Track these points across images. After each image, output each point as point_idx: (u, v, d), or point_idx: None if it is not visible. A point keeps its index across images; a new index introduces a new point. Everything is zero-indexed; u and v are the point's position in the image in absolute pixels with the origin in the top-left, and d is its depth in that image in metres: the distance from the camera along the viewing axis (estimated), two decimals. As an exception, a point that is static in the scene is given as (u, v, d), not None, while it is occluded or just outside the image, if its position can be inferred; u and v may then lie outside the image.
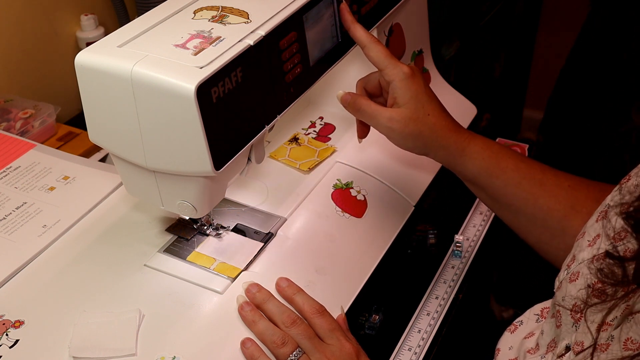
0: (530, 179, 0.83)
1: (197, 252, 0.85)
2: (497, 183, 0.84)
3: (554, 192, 0.83)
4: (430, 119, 0.84)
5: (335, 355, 0.73)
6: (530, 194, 0.83)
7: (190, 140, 0.69)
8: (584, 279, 0.68)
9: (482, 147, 0.85)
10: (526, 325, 0.81)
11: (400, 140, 0.86)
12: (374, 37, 0.86)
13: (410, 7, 1.10)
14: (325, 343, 0.75)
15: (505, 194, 0.84)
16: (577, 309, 0.68)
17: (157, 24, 0.75)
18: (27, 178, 0.97)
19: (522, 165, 0.84)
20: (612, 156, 1.64)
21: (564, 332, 0.69)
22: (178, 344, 0.75)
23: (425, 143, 0.85)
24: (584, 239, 0.72)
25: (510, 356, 0.79)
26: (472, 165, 0.85)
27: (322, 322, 0.76)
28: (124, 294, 0.80)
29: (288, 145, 1.04)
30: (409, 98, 0.83)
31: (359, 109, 0.86)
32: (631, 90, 1.66)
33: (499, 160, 0.84)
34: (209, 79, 0.67)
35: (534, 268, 1.14)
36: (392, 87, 0.84)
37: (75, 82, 0.72)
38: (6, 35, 1.19)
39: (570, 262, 0.72)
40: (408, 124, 0.83)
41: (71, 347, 0.74)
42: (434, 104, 0.85)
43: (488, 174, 0.85)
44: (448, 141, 0.85)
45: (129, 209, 0.92)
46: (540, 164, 0.86)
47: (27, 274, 0.83)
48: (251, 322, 0.77)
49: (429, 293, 0.91)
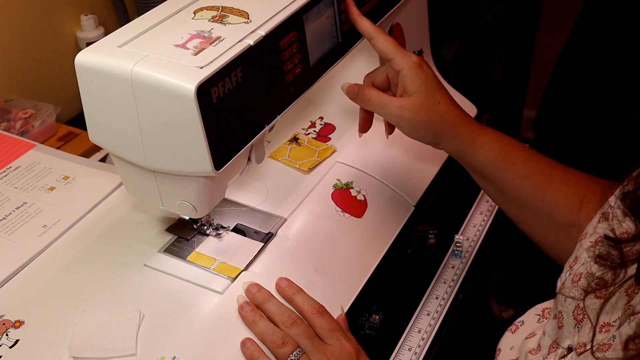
0: (539, 173, 0.83)
1: (197, 252, 0.85)
2: (506, 175, 0.84)
3: (561, 187, 0.82)
4: (441, 107, 0.83)
5: (335, 355, 0.73)
6: (538, 187, 0.83)
7: (190, 140, 0.69)
8: (584, 267, 0.69)
9: (493, 139, 0.84)
10: (527, 326, 0.81)
11: (411, 129, 0.85)
12: (380, 29, 0.86)
13: (410, 7, 1.10)
14: (326, 343, 0.75)
15: (513, 186, 0.84)
16: (580, 310, 0.68)
17: (157, 24, 0.75)
18: (27, 178, 0.97)
19: (532, 159, 0.84)
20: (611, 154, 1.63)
21: (566, 333, 0.69)
22: (178, 344, 0.75)
23: (436, 132, 0.84)
24: (586, 240, 0.72)
25: (512, 356, 0.79)
26: (482, 156, 0.84)
27: (322, 322, 0.76)
28: (124, 294, 0.80)
29: (288, 145, 1.04)
30: (419, 86, 0.83)
31: (368, 99, 0.85)
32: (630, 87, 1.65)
33: (508, 153, 0.84)
34: (209, 79, 0.67)
35: (534, 267, 1.14)
36: (402, 76, 0.83)
37: (75, 82, 0.72)
38: (6, 35, 1.19)
39: (572, 263, 0.72)
40: (419, 112, 0.83)
41: (71, 347, 0.74)
42: (444, 92, 0.85)
43: (497, 166, 0.84)
44: (459, 130, 0.84)
45: (129, 209, 0.92)
46: (550, 159, 0.86)
47: (27, 274, 0.83)
48: (251, 322, 0.77)
49: (429, 293, 0.91)
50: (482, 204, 1.04)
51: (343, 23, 0.88)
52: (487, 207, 1.04)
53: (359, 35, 0.93)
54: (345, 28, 0.89)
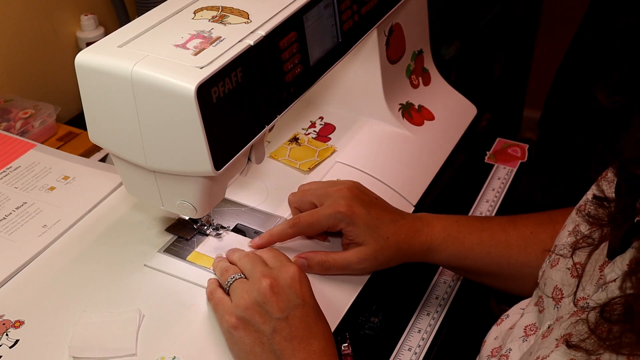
0: (496, 245, 0.85)
1: (197, 252, 0.85)
2: (468, 262, 0.86)
3: (521, 246, 0.84)
4: (391, 241, 0.83)
5: (272, 275, 0.73)
6: (501, 258, 0.85)
7: (190, 140, 0.69)
8: (572, 224, 0.72)
9: (444, 236, 0.85)
10: (511, 318, 0.82)
11: (376, 269, 0.86)
12: (287, 223, 0.84)
13: (410, 7, 1.10)
14: (268, 266, 0.76)
15: (479, 266, 0.86)
16: (557, 291, 0.70)
17: (157, 24, 0.75)
18: (27, 178, 0.97)
19: (484, 235, 0.85)
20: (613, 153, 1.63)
21: (547, 315, 0.71)
22: (178, 344, 0.75)
23: (396, 261, 0.85)
24: (564, 230, 0.74)
25: (495, 345, 0.80)
26: (440, 257, 0.86)
27: (269, 252, 0.79)
28: (124, 294, 0.80)
29: (288, 145, 1.04)
30: (363, 232, 0.82)
31: (328, 268, 0.83)
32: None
33: (462, 242, 0.85)
34: (209, 79, 0.67)
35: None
36: (345, 232, 0.83)
37: (75, 82, 0.72)
38: (6, 35, 1.19)
39: (552, 250, 0.74)
40: (377, 257, 0.83)
41: (71, 347, 0.74)
42: (384, 220, 0.84)
43: (457, 258, 0.86)
44: (413, 249, 0.84)
45: (129, 209, 0.92)
46: (499, 220, 0.88)
47: (27, 274, 0.83)
48: (214, 267, 0.80)
49: (429, 293, 0.91)
50: (482, 204, 1.04)
51: (343, 23, 0.88)
52: (487, 207, 1.04)
53: (359, 35, 0.93)
54: (346, 28, 0.89)
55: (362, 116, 1.10)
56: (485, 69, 2.06)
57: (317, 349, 0.70)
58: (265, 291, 0.71)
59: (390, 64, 1.08)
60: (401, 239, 0.83)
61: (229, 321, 0.72)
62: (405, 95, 1.12)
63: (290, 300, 0.72)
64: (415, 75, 1.16)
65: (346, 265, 0.83)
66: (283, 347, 0.70)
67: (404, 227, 0.84)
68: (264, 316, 0.71)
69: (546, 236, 0.83)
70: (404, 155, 1.06)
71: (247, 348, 0.71)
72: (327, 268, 0.83)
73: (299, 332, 0.70)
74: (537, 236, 0.84)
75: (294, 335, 0.70)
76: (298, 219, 0.83)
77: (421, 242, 0.84)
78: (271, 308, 0.71)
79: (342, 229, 0.83)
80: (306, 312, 0.72)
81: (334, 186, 0.85)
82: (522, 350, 0.72)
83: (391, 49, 1.08)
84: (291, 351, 0.70)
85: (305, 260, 0.83)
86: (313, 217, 0.83)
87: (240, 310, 0.72)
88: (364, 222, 0.82)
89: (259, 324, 0.71)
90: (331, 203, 0.83)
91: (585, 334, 0.56)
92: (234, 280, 0.75)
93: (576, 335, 0.58)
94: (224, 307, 0.73)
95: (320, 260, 0.83)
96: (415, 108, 1.13)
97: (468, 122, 1.18)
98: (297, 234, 0.85)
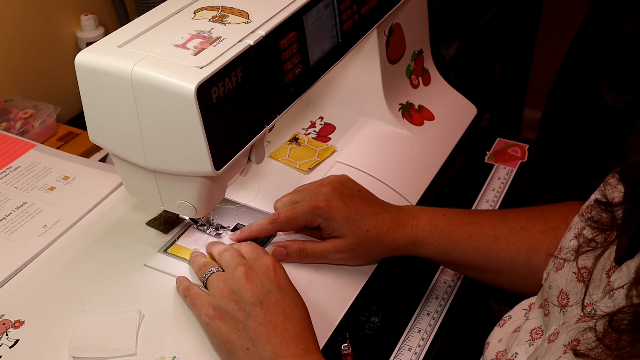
0: (485, 239, 0.84)
1: (177, 245, 0.86)
2: (456, 256, 0.85)
3: (510, 241, 0.84)
4: (371, 234, 0.83)
5: (247, 264, 0.74)
6: (489, 252, 0.84)
7: (190, 140, 0.69)
8: (575, 229, 0.71)
9: (430, 230, 0.84)
10: (515, 320, 0.81)
11: (355, 263, 0.86)
12: (267, 218, 0.84)
13: (410, 7, 1.10)
14: (245, 258, 0.77)
15: (467, 260, 0.85)
16: (563, 295, 0.69)
17: (157, 24, 0.75)
18: (27, 178, 0.97)
19: (472, 229, 0.84)
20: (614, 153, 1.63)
21: (552, 319, 0.70)
22: (178, 344, 0.75)
23: (378, 254, 0.85)
24: (569, 232, 0.74)
25: (500, 348, 0.80)
26: (427, 251, 0.85)
27: (247, 246, 0.79)
28: (124, 294, 0.80)
29: (288, 145, 1.04)
30: (341, 226, 0.82)
31: (305, 256, 0.84)
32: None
33: (449, 235, 0.84)
34: (209, 79, 0.67)
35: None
36: (324, 226, 0.83)
37: (75, 82, 0.72)
38: (6, 35, 1.19)
39: (557, 253, 0.74)
40: (355, 249, 0.83)
41: (71, 347, 0.74)
42: (364, 213, 0.83)
43: (444, 252, 0.85)
44: (397, 242, 0.84)
45: (129, 209, 0.92)
46: (488, 214, 0.87)
47: (27, 274, 0.83)
48: (192, 261, 0.81)
49: (429, 293, 0.91)
50: (482, 203, 1.04)
51: (343, 23, 0.88)
52: (487, 207, 1.04)
53: (359, 35, 0.93)
54: (346, 28, 0.89)
55: (362, 116, 1.10)
56: (485, 69, 2.06)
57: (293, 334, 0.70)
58: (239, 278, 0.72)
59: (390, 64, 1.08)
60: (382, 232, 0.83)
61: (206, 313, 0.72)
62: (405, 95, 1.12)
63: (264, 287, 0.72)
64: (415, 75, 1.16)
65: (323, 254, 0.84)
66: (258, 332, 0.69)
67: (387, 220, 0.84)
68: (238, 302, 0.71)
69: (536, 232, 0.83)
70: (404, 155, 1.06)
71: (224, 337, 0.71)
72: (305, 256, 0.84)
73: (274, 317, 0.70)
74: (527, 231, 0.84)
75: (268, 320, 0.70)
76: (277, 215, 0.83)
77: (405, 235, 0.84)
78: (245, 294, 0.71)
79: (320, 224, 0.83)
80: (281, 298, 0.72)
81: (317, 182, 0.86)
82: (529, 354, 0.72)
83: (391, 49, 1.08)
84: (266, 336, 0.69)
85: (284, 248, 0.83)
86: (291, 213, 0.83)
87: (217, 300, 0.72)
88: (342, 216, 0.82)
89: (234, 311, 0.71)
90: (310, 198, 0.83)
91: (593, 342, 0.56)
92: (211, 274, 0.76)
93: (584, 343, 0.57)
94: (201, 301, 0.74)
95: (298, 248, 0.83)
96: (415, 108, 1.13)
97: (468, 122, 1.18)
98: (277, 230, 0.85)
